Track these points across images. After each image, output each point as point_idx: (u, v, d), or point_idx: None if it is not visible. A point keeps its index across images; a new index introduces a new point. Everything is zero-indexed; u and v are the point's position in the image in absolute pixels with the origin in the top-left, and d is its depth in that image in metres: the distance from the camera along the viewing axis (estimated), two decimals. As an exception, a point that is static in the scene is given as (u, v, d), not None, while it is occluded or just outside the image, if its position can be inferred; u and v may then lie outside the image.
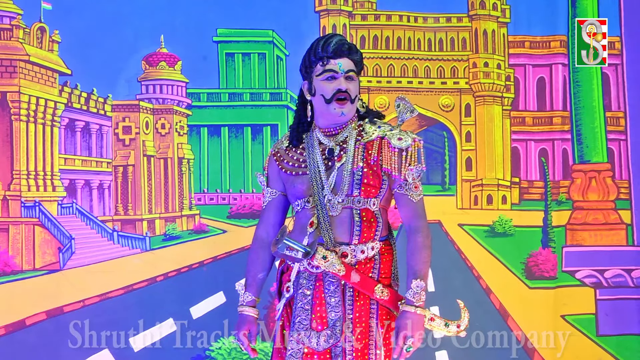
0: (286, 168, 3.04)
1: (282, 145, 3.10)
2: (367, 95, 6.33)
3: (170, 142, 6.23)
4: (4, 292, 5.54)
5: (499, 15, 6.34)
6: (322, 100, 2.94)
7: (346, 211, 2.95)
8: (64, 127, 5.99)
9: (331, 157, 2.97)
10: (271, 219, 3.11)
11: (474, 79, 6.32)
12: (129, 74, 5.95)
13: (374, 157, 2.95)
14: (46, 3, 5.70)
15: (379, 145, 2.96)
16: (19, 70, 5.73)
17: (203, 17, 5.83)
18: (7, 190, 5.72)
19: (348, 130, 3.00)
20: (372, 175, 2.95)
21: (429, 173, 6.42)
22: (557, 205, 6.14)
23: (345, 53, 2.95)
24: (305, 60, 2.98)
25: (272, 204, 3.11)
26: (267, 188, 3.12)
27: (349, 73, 2.95)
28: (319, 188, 2.94)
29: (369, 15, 6.33)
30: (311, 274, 2.95)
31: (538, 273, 6.02)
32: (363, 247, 2.97)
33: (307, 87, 3.01)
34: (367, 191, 2.95)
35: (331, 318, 2.92)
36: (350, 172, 2.94)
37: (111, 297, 5.65)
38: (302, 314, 2.94)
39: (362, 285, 2.93)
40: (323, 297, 2.93)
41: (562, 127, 6.24)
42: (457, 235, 6.21)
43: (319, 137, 3.01)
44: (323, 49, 2.94)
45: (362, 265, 2.96)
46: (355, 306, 2.94)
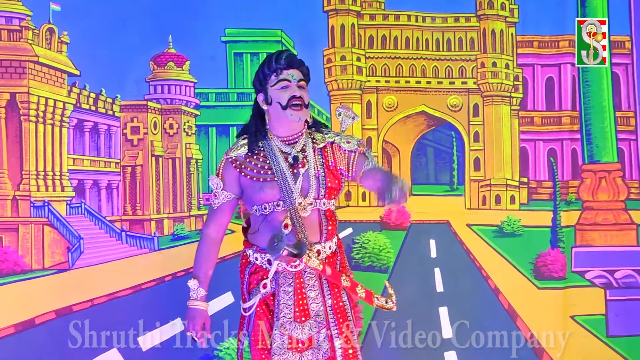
0: (251, 175, 3.33)
1: (239, 152, 3.37)
2: (375, 95, 6.33)
3: (179, 142, 6.24)
4: (14, 291, 5.57)
5: (507, 15, 6.33)
6: (279, 107, 3.26)
7: (314, 212, 3.28)
8: (73, 127, 6.01)
9: (295, 163, 3.29)
10: (222, 220, 3.45)
11: (482, 78, 6.31)
12: (137, 75, 5.97)
13: (331, 161, 3.33)
14: (55, 4, 5.73)
15: (332, 150, 3.35)
16: (28, 71, 5.76)
17: (211, 17, 5.85)
18: (17, 190, 5.75)
19: (303, 138, 3.35)
20: (332, 178, 3.31)
21: (437, 173, 6.41)
22: (566, 205, 6.13)
23: (296, 65, 3.31)
24: (259, 74, 3.33)
25: (225, 206, 3.42)
26: (222, 191, 3.39)
27: (300, 82, 3.29)
28: (288, 192, 3.24)
29: (378, 14, 6.33)
30: (289, 272, 3.28)
31: (547, 273, 6.01)
32: (330, 244, 3.34)
33: (263, 98, 3.32)
34: (330, 193, 3.31)
35: (312, 309, 3.26)
36: (315, 176, 3.28)
37: (120, 297, 5.67)
38: (285, 309, 3.25)
39: (333, 276, 3.29)
40: (304, 291, 3.26)
41: (571, 127, 6.22)
42: (465, 235, 6.21)
43: (279, 145, 3.33)
44: (277, 61, 3.28)
45: (329, 259, 3.33)
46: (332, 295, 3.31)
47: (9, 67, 5.73)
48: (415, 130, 6.54)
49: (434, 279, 5.98)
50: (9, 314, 5.47)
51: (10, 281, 5.60)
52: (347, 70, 6.24)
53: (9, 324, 5.46)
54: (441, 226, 6.18)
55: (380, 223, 6.18)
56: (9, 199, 5.74)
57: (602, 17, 6.16)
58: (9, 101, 5.77)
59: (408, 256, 6.05)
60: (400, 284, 5.88)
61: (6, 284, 5.59)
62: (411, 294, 5.82)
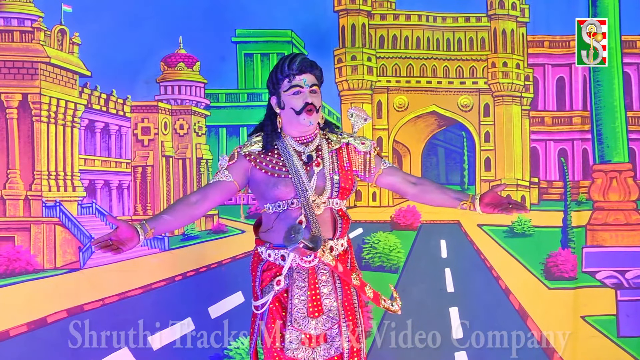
0: (266, 169, 3.36)
1: (253, 149, 3.40)
2: (386, 95, 6.33)
3: (189, 143, 6.27)
4: (26, 290, 5.61)
5: (518, 14, 6.32)
6: (293, 112, 3.30)
7: (327, 211, 3.32)
8: (84, 128, 6.04)
9: (309, 162, 3.32)
10: (210, 194, 3.41)
11: (493, 78, 6.30)
12: (148, 75, 5.99)
13: (346, 162, 3.38)
14: (67, 5, 5.75)
15: (347, 151, 3.40)
16: (39, 72, 5.80)
17: (221, 17, 5.86)
18: (29, 191, 5.79)
19: (318, 138, 3.39)
20: (346, 179, 3.36)
21: (447, 173, 6.41)
22: (577, 205, 6.11)
23: (308, 69, 3.32)
24: (273, 78, 3.34)
25: (220, 184, 3.41)
26: (224, 170, 3.41)
27: (312, 87, 3.32)
28: (303, 190, 3.27)
29: (388, 14, 6.33)
30: (303, 268, 3.32)
31: (558, 274, 6.00)
32: (342, 241, 3.40)
33: (276, 102, 3.35)
34: (343, 194, 3.36)
35: (325, 304, 3.28)
36: (329, 176, 3.32)
37: (130, 296, 5.70)
38: (299, 304, 3.29)
39: (345, 274, 3.34)
40: (317, 287, 3.29)
41: (582, 127, 6.20)
42: (476, 235, 6.20)
43: (293, 144, 3.36)
44: (289, 66, 3.29)
45: (341, 257, 3.38)
46: (344, 292, 3.35)
47: (21, 68, 5.77)
48: (425, 131, 6.54)
49: (445, 279, 5.99)
50: (22, 312, 5.51)
51: (22, 280, 5.64)
52: (358, 70, 6.25)
53: (21, 323, 5.49)
54: (452, 226, 6.18)
55: (390, 223, 6.18)
56: (21, 199, 5.78)
57: (614, 16, 6.14)
58: (21, 102, 5.80)
59: (418, 256, 6.05)
60: (411, 284, 5.89)
61: (18, 283, 5.62)
62: (421, 294, 5.83)
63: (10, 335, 5.46)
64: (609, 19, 6.09)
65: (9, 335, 5.46)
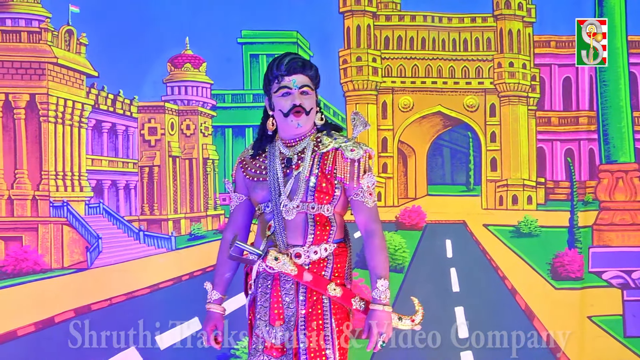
0: (249, 174, 3.27)
1: (248, 154, 3.31)
2: (391, 95, 6.34)
3: (195, 143, 6.29)
4: (34, 290, 5.63)
5: (524, 14, 6.31)
6: (281, 114, 3.17)
7: (301, 216, 3.17)
8: (91, 128, 6.08)
9: (289, 165, 3.20)
10: (238, 222, 3.33)
11: (499, 79, 6.30)
12: (155, 76, 6.02)
13: (329, 167, 3.19)
14: (74, 6, 5.78)
15: (334, 156, 3.20)
16: (47, 72, 5.83)
17: (227, 18, 5.88)
18: (37, 191, 5.82)
19: (306, 141, 3.23)
20: (325, 184, 3.18)
21: (453, 173, 6.41)
22: (583, 205, 6.10)
23: (299, 70, 3.17)
24: (265, 79, 3.21)
25: (239, 208, 3.33)
26: (234, 193, 3.34)
27: (303, 88, 3.16)
28: (276, 194, 3.17)
29: (393, 15, 6.34)
30: (268, 274, 3.17)
31: (564, 274, 5.99)
32: (316, 249, 3.19)
33: (268, 104, 3.23)
34: (320, 198, 3.17)
35: (287, 314, 3.15)
36: (305, 180, 3.17)
37: (137, 296, 5.71)
38: (262, 311, 3.17)
39: (314, 284, 3.16)
40: (279, 295, 3.15)
41: (588, 127, 6.19)
42: (482, 235, 6.20)
43: (280, 147, 3.24)
44: (277, 67, 3.16)
45: (315, 265, 3.18)
46: (307, 303, 3.16)
47: (28, 68, 5.80)
48: (431, 131, 6.54)
49: (450, 279, 5.98)
50: (29, 312, 5.53)
51: (30, 280, 5.66)
52: (363, 71, 6.26)
53: (29, 322, 5.51)
54: (457, 226, 6.17)
55: (395, 223, 6.18)
56: (29, 199, 5.81)
57: (620, 17, 6.13)
58: (28, 102, 5.84)
59: (424, 256, 6.05)
60: (416, 284, 5.89)
61: (26, 283, 5.65)
62: (427, 294, 5.82)
63: (18, 335, 5.48)
64: (615, 19, 6.09)
65: (16, 335, 5.48)
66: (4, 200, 5.79)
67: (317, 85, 3.24)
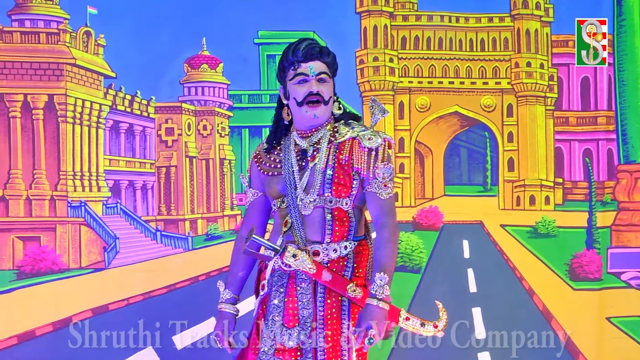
0: (264, 169, 3.10)
1: (262, 148, 3.15)
2: (408, 95, 6.33)
3: (212, 143, 6.31)
4: (52, 289, 5.66)
5: (542, 14, 6.29)
6: (295, 103, 2.99)
7: (318, 210, 2.99)
8: (109, 128, 6.10)
9: (304, 157, 3.03)
10: (254, 219, 3.17)
11: (516, 79, 6.27)
12: (172, 77, 6.04)
13: (346, 157, 3.01)
14: (92, 8, 5.81)
15: (351, 145, 3.02)
16: (65, 73, 5.86)
17: (244, 19, 5.88)
18: (55, 191, 5.85)
19: (322, 131, 3.05)
20: (343, 175, 2.99)
21: (470, 173, 6.39)
22: (601, 206, 6.07)
23: (316, 56, 3.00)
24: (279, 66, 3.04)
25: (254, 204, 3.17)
26: (249, 189, 3.18)
27: (320, 75, 3.00)
28: (292, 188, 3.00)
29: (410, 15, 6.33)
30: (284, 272, 2.99)
31: (582, 274, 5.96)
32: (336, 246, 3.01)
33: (283, 92, 3.06)
34: (338, 190, 2.99)
35: (302, 315, 2.96)
36: (321, 172, 2.99)
37: (154, 296, 5.73)
38: (275, 311, 2.98)
39: (333, 283, 2.97)
40: (295, 294, 2.97)
41: (606, 127, 6.16)
42: (499, 236, 6.18)
43: (295, 138, 3.06)
44: (294, 53, 2.99)
45: (334, 264, 3.00)
46: (326, 304, 2.98)
47: (47, 69, 5.84)
48: (448, 131, 6.53)
49: (467, 280, 5.96)
50: (47, 312, 5.56)
51: (48, 280, 5.69)
52: (380, 71, 6.25)
53: (47, 322, 5.54)
54: (474, 227, 6.16)
55: (412, 223, 6.17)
56: (47, 199, 5.84)
57: (639, 16, 6.10)
58: (47, 103, 5.87)
59: (441, 256, 6.04)
60: (433, 285, 5.88)
61: (44, 283, 5.68)
62: (444, 294, 5.81)
63: (36, 335, 5.51)
64: (634, 18, 6.05)
65: (35, 335, 5.51)
66: (23, 201, 5.82)
67: (334, 73, 3.07)
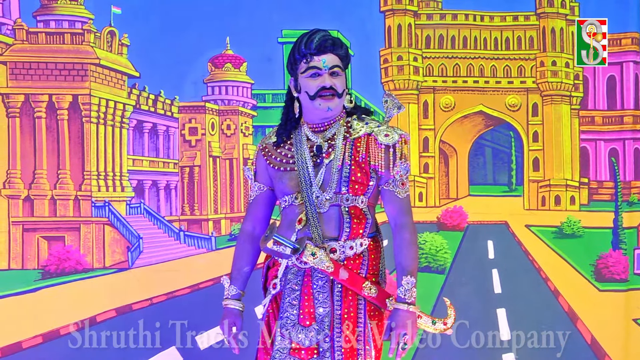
0: (274, 163, 3.01)
1: (270, 141, 3.07)
2: (432, 95, 6.30)
3: (236, 143, 6.30)
4: (76, 289, 5.69)
5: (567, 12, 6.24)
6: (307, 97, 2.92)
7: (334, 208, 2.94)
8: (132, 128, 6.12)
9: (319, 153, 2.96)
10: (258, 214, 3.09)
11: (542, 78, 6.23)
12: (196, 76, 6.04)
13: (362, 154, 2.95)
14: (116, 7, 5.83)
15: (367, 142, 2.96)
16: (89, 73, 5.88)
17: (268, 18, 5.88)
18: (79, 191, 5.87)
19: (336, 126, 2.99)
20: (359, 173, 2.94)
21: (495, 173, 6.36)
22: (628, 206, 6.02)
23: (329, 49, 2.93)
24: (290, 58, 2.97)
25: (259, 199, 3.09)
26: (254, 182, 3.10)
27: (333, 69, 2.93)
28: (307, 185, 2.94)
29: (435, 14, 6.30)
30: (299, 269, 2.94)
31: (608, 275, 5.91)
32: (352, 244, 2.97)
33: (293, 85, 2.98)
34: (355, 188, 2.94)
35: (319, 313, 2.91)
36: (338, 169, 2.93)
37: (178, 296, 5.74)
38: (290, 309, 2.92)
39: (350, 282, 2.93)
40: (311, 292, 2.92)
41: (633, 126, 6.11)
42: (524, 236, 6.15)
43: (307, 133, 2.99)
44: (306, 46, 2.92)
45: (350, 262, 2.95)
46: (343, 302, 2.94)
47: (71, 69, 5.86)
48: (472, 130, 6.49)
49: (492, 280, 5.94)
50: (72, 311, 5.58)
51: (72, 279, 5.71)
52: (404, 70, 6.22)
53: (71, 322, 5.56)
54: (499, 227, 6.12)
55: (437, 224, 6.14)
56: (71, 199, 5.86)
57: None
58: (71, 103, 5.89)
59: (465, 257, 6.01)
60: (458, 285, 5.86)
61: (68, 283, 5.70)
62: (468, 295, 5.79)
63: (60, 334, 5.53)
64: (661, 16, 6.00)
65: (59, 334, 5.53)
66: (47, 201, 5.85)
67: (346, 66, 2.99)
